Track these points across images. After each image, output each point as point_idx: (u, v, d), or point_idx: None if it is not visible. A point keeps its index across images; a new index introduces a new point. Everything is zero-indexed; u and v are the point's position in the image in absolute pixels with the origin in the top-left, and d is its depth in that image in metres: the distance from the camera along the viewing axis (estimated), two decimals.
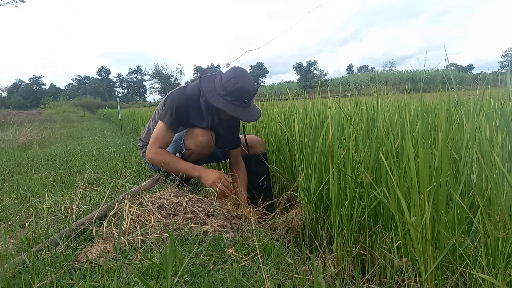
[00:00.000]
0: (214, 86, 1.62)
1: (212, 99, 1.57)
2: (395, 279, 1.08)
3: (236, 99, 1.58)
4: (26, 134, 5.66)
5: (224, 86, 1.58)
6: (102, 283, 0.80)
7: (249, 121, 1.66)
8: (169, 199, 1.27)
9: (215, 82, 1.63)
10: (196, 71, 60.05)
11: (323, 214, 1.50)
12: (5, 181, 2.10)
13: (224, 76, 1.61)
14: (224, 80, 1.59)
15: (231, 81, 1.56)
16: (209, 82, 1.64)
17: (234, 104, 1.58)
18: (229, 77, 1.57)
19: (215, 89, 1.60)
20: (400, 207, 0.99)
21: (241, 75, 1.58)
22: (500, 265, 0.80)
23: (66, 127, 9.30)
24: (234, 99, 1.58)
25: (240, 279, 0.84)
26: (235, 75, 1.57)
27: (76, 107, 25.10)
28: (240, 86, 1.56)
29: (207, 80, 1.64)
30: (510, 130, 0.86)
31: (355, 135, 1.33)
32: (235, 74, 1.58)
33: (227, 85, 1.57)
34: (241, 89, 1.56)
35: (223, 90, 1.58)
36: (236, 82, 1.55)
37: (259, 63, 60.78)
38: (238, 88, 1.56)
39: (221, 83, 1.59)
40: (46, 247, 0.95)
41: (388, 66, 59.21)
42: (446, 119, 1.15)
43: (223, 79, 1.60)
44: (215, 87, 1.61)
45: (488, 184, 0.86)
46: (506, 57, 43.33)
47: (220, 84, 1.60)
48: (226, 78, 1.59)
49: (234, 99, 1.58)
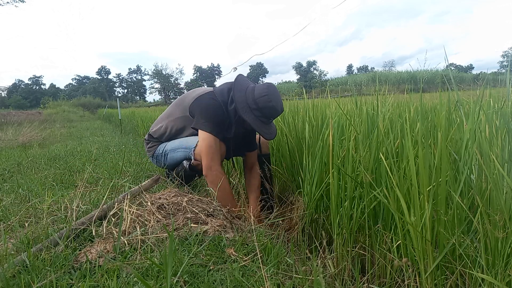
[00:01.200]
0: (246, 97, 1.61)
1: (242, 111, 1.58)
2: (395, 279, 1.08)
3: (264, 116, 1.60)
4: (26, 134, 5.66)
5: (256, 100, 1.58)
6: (102, 283, 0.80)
7: (268, 139, 1.68)
8: (169, 199, 1.27)
9: (247, 93, 1.62)
10: (196, 71, 60.05)
11: (323, 214, 1.50)
12: (5, 181, 2.10)
13: (257, 90, 1.60)
14: (257, 94, 1.59)
15: (265, 98, 1.57)
16: (241, 92, 1.63)
17: (260, 120, 1.60)
18: (263, 94, 1.58)
19: (246, 101, 1.60)
20: (400, 207, 0.99)
21: (274, 94, 1.59)
22: (499, 265, 0.80)
23: (66, 127, 9.30)
24: (261, 115, 1.60)
25: (240, 279, 0.84)
26: (269, 93, 1.58)
27: (76, 107, 25.09)
28: (272, 105, 1.58)
29: (239, 89, 1.64)
30: (510, 130, 0.86)
31: (355, 135, 1.33)
32: (269, 92, 1.58)
33: (259, 101, 1.57)
34: (272, 108, 1.58)
35: (254, 104, 1.58)
36: (269, 100, 1.57)
37: (259, 63, 60.81)
38: (270, 106, 1.58)
39: (253, 97, 1.59)
40: (46, 247, 0.95)
41: (388, 66, 59.26)
42: (446, 119, 1.14)
43: (255, 93, 1.60)
44: (246, 99, 1.61)
45: (487, 184, 0.86)
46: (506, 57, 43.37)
47: (252, 96, 1.60)
48: (259, 93, 1.59)
49: (262, 115, 1.60)
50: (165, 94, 50.35)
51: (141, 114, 7.04)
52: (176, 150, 1.79)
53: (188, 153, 1.72)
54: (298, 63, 46.63)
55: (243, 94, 1.62)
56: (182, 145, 1.77)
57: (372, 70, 60.68)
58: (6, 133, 5.92)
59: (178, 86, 52.01)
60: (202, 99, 1.69)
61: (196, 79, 57.34)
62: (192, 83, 53.70)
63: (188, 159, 1.74)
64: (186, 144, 1.75)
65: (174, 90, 51.18)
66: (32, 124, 7.31)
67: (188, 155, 1.73)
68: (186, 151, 1.74)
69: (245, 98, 1.60)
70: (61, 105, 25.01)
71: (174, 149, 1.80)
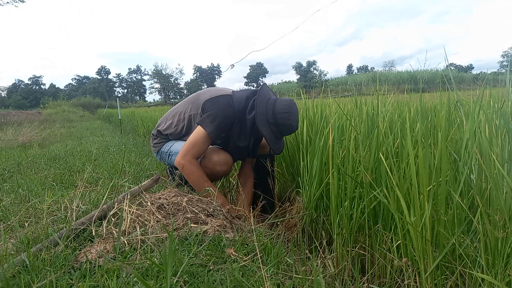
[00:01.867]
0: (266, 109, 1.62)
1: (260, 123, 1.59)
2: (395, 279, 1.08)
3: (279, 132, 1.62)
4: (26, 134, 5.66)
5: (276, 115, 1.59)
6: (102, 283, 0.80)
7: (277, 153, 1.69)
8: (169, 199, 1.27)
9: (267, 105, 1.63)
10: (196, 71, 60.04)
11: (322, 214, 1.50)
12: (5, 181, 2.10)
13: (278, 105, 1.61)
14: (278, 110, 1.60)
15: (285, 115, 1.58)
16: (262, 103, 1.63)
17: (274, 134, 1.62)
18: (284, 110, 1.59)
19: (266, 113, 1.61)
20: (400, 207, 0.99)
21: (294, 113, 1.61)
22: (499, 265, 0.80)
23: (65, 127, 9.30)
24: (277, 131, 1.61)
25: (240, 279, 0.84)
26: (290, 111, 1.59)
27: (75, 107, 25.08)
28: (289, 124, 1.59)
29: (261, 100, 1.63)
30: (510, 130, 0.86)
31: (355, 135, 1.33)
32: (290, 110, 1.59)
33: (278, 117, 1.59)
34: (289, 126, 1.61)
35: (272, 118, 1.60)
36: (289, 118, 1.59)
37: (258, 63, 60.79)
38: (288, 124, 1.60)
39: (273, 110, 1.60)
40: (46, 247, 0.95)
41: (388, 66, 59.28)
42: (446, 119, 1.14)
43: (277, 108, 1.60)
44: (266, 111, 1.61)
45: (487, 184, 0.86)
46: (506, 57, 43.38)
47: (272, 110, 1.61)
48: (280, 108, 1.60)
49: (277, 130, 1.61)
50: (165, 94, 50.36)
51: (141, 114, 7.04)
52: None
53: None
54: (298, 63, 46.55)
55: (264, 105, 1.62)
56: None
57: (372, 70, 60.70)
58: (6, 133, 5.92)
59: (178, 86, 52.04)
60: (218, 101, 1.67)
61: (196, 79, 57.32)
62: (192, 83, 53.69)
63: None
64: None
65: (174, 90, 51.20)
66: (32, 124, 7.31)
67: None
68: None
69: (265, 110, 1.61)
70: (61, 105, 25.01)
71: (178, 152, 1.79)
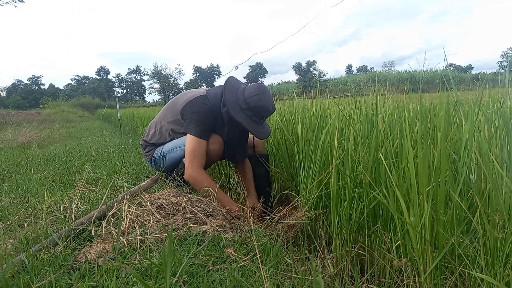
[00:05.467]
0: (237, 97, 1.63)
1: (233, 111, 1.59)
2: (394, 279, 1.08)
3: (255, 115, 1.62)
4: (25, 134, 5.65)
5: (246, 100, 1.60)
6: (101, 283, 0.80)
7: (261, 138, 1.69)
8: (168, 199, 1.27)
9: (237, 94, 1.64)
10: (195, 71, 60.00)
11: (322, 214, 1.50)
12: (4, 181, 2.09)
13: (247, 91, 1.62)
14: (248, 94, 1.60)
15: (255, 97, 1.59)
16: (231, 92, 1.65)
17: (252, 119, 1.62)
18: (253, 93, 1.59)
19: (237, 101, 1.62)
20: (399, 207, 0.99)
21: (264, 93, 1.61)
22: (498, 265, 0.80)
23: (65, 127, 9.29)
24: (253, 115, 1.61)
25: (239, 279, 0.84)
26: (259, 93, 1.59)
27: (75, 107, 25.06)
28: (262, 104, 1.59)
29: (230, 90, 1.65)
30: (509, 130, 0.86)
31: (355, 135, 1.33)
32: (259, 91, 1.60)
33: (249, 101, 1.59)
34: (262, 107, 1.60)
35: (244, 104, 1.60)
36: (260, 99, 1.59)
37: (258, 63, 60.79)
38: (261, 106, 1.59)
39: (244, 97, 1.61)
40: (45, 247, 0.95)
41: (387, 66, 59.36)
42: (445, 119, 1.14)
43: (246, 93, 1.61)
44: (237, 99, 1.62)
45: (487, 184, 0.86)
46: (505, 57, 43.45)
47: (242, 97, 1.62)
48: (250, 93, 1.60)
49: (254, 114, 1.61)
50: (165, 94, 50.34)
51: (140, 114, 7.03)
52: (174, 150, 1.79)
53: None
54: (298, 63, 46.51)
55: (234, 95, 1.64)
56: (179, 144, 1.78)
57: (372, 70, 60.78)
58: (5, 133, 5.91)
59: (177, 86, 52.00)
60: (194, 104, 1.70)
61: (196, 79, 57.32)
62: (192, 83, 53.68)
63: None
64: (183, 142, 1.75)
65: (173, 90, 51.16)
66: (31, 124, 7.30)
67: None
68: (183, 149, 1.74)
69: (236, 99, 1.62)
70: (60, 105, 24.96)
71: (172, 149, 1.80)
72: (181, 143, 1.76)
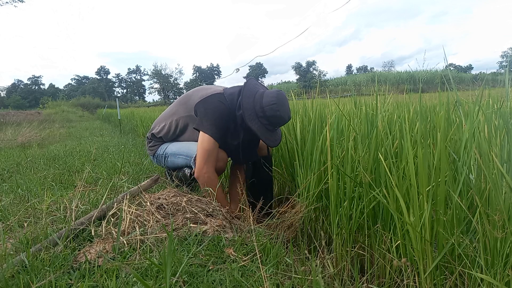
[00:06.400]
0: (254, 103, 1.58)
1: (248, 119, 1.55)
2: (394, 279, 1.08)
3: (270, 124, 1.59)
4: (25, 134, 5.64)
5: (264, 108, 1.56)
6: (101, 283, 0.80)
7: (272, 146, 1.66)
8: (168, 199, 1.27)
9: (255, 99, 1.59)
10: (195, 71, 59.99)
11: (322, 214, 1.50)
12: (4, 181, 2.09)
13: (265, 98, 1.57)
14: (266, 102, 1.56)
15: (273, 107, 1.55)
16: (249, 97, 1.60)
17: (266, 127, 1.58)
18: (271, 102, 1.55)
19: (254, 107, 1.57)
20: (399, 207, 0.99)
21: (282, 103, 1.57)
22: (498, 265, 0.80)
23: (65, 127, 9.29)
24: (268, 124, 1.58)
25: (239, 279, 0.84)
26: (278, 102, 1.55)
27: (75, 107, 25.06)
28: (279, 115, 1.56)
29: (248, 95, 1.60)
30: (509, 130, 0.86)
31: (354, 135, 1.33)
32: (278, 101, 1.56)
33: (267, 109, 1.55)
34: (279, 118, 1.57)
35: (261, 112, 1.56)
36: (277, 109, 1.55)
37: (258, 63, 60.76)
38: (277, 116, 1.56)
39: (261, 104, 1.57)
40: (45, 247, 0.95)
41: (387, 66, 59.32)
42: (445, 119, 1.14)
43: (264, 100, 1.57)
44: (254, 105, 1.58)
45: (486, 184, 0.86)
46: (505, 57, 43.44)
47: (259, 103, 1.57)
48: (268, 101, 1.56)
49: (269, 123, 1.58)
50: (165, 94, 50.33)
51: (140, 114, 7.04)
52: (177, 155, 1.77)
53: (189, 161, 1.71)
54: (298, 63, 46.47)
55: (251, 100, 1.59)
56: (183, 151, 1.75)
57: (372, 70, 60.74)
58: (5, 133, 5.91)
59: (177, 86, 52.00)
60: (210, 100, 1.64)
61: (196, 79, 57.30)
62: (192, 83, 53.66)
63: (189, 167, 1.72)
64: (187, 151, 1.72)
65: (173, 90, 51.16)
66: (31, 124, 7.30)
67: (189, 163, 1.72)
68: (187, 159, 1.72)
69: (253, 105, 1.58)
70: (60, 105, 24.95)
71: (175, 154, 1.78)
72: (186, 151, 1.73)
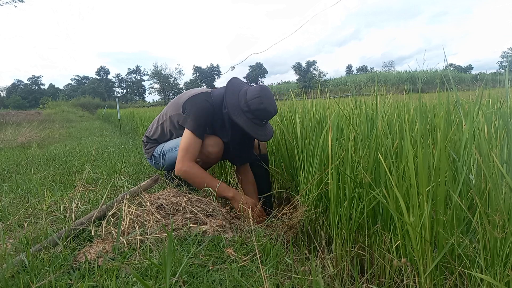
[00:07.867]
0: (238, 99, 1.61)
1: (233, 114, 1.58)
2: (394, 279, 1.08)
3: (257, 118, 1.60)
4: (25, 134, 5.64)
5: (248, 103, 1.58)
6: (101, 283, 0.80)
7: (263, 141, 1.68)
8: (168, 199, 1.27)
9: (239, 95, 1.62)
10: (195, 71, 59.99)
11: (322, 214, 1.50)
12: (4, 181, 2.09)
13: (249, 93, 1.60)
14: (249, 97, 1.59)
15: (256, 100, 1.57)
16: (233, 94, 1.63)
17: (253, 122, 1.60)
18: (255, 96, 1.58)
19: (238, 104, 1.60)
20: (399, 207, 0.99)
21: (266, 96, 1.59)
22: (498, 265, 0.80)
23: (65, 127, 9.29)
24: (254, 117, 1.60)
25: (239, 279, 0.84)
26: (261, 95, 1.57)
27: (75, 107, 25.07)
28: (263, 107, 1.57)
29: (231, 92, 1.63)
30: (509, 130, 0.86)
31: (354, 135, 1.33)
32: (261, 94, 1.58)
33: (251, 103, 1.57)
34: (264, 110, 1.58)
35: (246, 106, 1.58)
36: (261, 102, 1.57)
37: (258, 63, 60.78)
38: (262, 108, 1.57)
39: (245, 99, 1.59)
40: (45, 247, 0.95)
41: (387, 66, 59.37)
42: (445, 120, 1.15)
43: (248, 95, 1.59)
44: (239, 101, 1.61)
45: (486, 184, 0.86)
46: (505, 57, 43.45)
47: (244, 99, 1.60)
48: (251, 95, 1.58)
49: (255, 117, 1.60)
50: (165, 94, 50.34)
51: (140, 114, 7.04)
52: (174, 149, 1.79)
53: None
54: (297, 63, 46.42)
55: (235, 97, 1.62)
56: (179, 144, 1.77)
57: (372, 70, 60.78)
58: (5, 133, 5.91)
59: (177, 86, 52.01)
60: (196, 98, 1.69)
61: (196, 79, 57.30)
62: (192, 83, 53.67)
63: None
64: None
65: (173, 90, 51.17)
66: (31, 124, 7.30)
67: None
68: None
69: (237, 101, 1.61)
70: (60, 105, 24.96)
71: (172, 149, 1.80)
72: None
